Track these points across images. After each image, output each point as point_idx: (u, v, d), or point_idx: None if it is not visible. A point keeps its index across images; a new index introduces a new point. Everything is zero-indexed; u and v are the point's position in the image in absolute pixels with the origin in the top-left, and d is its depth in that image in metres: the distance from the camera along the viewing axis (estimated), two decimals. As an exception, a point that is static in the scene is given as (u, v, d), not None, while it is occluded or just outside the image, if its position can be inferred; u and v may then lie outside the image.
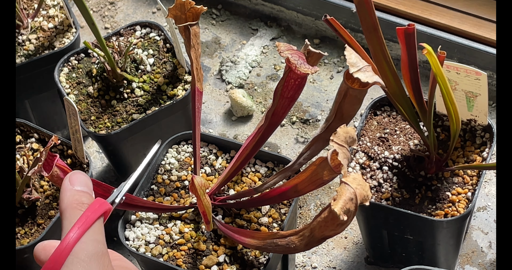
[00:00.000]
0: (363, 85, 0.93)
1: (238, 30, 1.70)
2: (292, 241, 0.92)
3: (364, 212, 1.20)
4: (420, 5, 1.57)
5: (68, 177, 0.78)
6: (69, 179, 0.78)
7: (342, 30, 1.05)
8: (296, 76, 0.97)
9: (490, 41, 1.50)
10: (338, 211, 0.80)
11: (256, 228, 1.10)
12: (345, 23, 1.60)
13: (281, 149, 1.51)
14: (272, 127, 1.06)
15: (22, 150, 1.26)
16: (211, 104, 1.59)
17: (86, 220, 0.73)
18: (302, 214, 1.42)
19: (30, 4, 1.46)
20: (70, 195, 0.76)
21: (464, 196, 1.13)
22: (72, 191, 0.77)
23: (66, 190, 0.77)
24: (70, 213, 0.74)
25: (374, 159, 1.18)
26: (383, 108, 1.25)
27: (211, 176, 1.16)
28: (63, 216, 0.75)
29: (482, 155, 1.16)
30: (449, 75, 1.11)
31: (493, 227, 1.36)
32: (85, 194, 0.77)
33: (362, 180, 0.83)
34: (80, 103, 1.33)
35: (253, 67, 1.63)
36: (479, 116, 1.17)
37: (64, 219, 0.74)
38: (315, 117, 1.54)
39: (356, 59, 0.91)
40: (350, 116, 0.99)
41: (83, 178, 0.79)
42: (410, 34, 0.99)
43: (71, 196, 0.76)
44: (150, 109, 1.31)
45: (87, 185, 0.78)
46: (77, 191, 0.77)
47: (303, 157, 1.05)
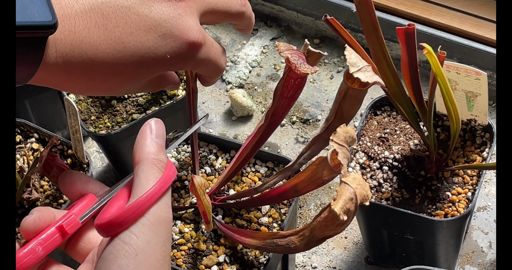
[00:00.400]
0: (363, 85, 0.93)
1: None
2: (292, 241, 0.92)
3: (364, 212, 1.20)
4: (420, 5, 1.57)
5: (149, 123, 0.72)
6: (150, 126, 0.72)
7: (342, 30, 1.05)
8: (296, 76, 0.97)
9: (490, 41, 1.50)
10: (338, 211, 0.80)
11: (256, 228, 1.10)
12: (345, 23, 1.60)
13: (281, 149, 1.51)
14: (272, 127, 1.06)
15: (22, 150, 1.26)
16: (211, 104, 1.59)
17: (164, 182, 0.68)
18: (302, 214, 1.42)
19: (30, 4, 1.46)
20: (150, 145, 0.70)
21: (464, 196, 1.13)
22: (153, 142, 0.71)
23: (146, 138, 0.71)
24: (147, 166, 0.69)
25: (374, 159, 1.18)
26: (383, 108, 1.25)
27: (211, 176, 1.16)
28: (139, 167, 0.69)
29: (482, 155, 1.16)
30: (449, 75, 1.11)
31: (493, 227, 1.36)
32: (163, 150, 0.72)
33: (362, 180, 0.83)
34: (80, 103, 1.33)
35: (253, 67, 1.63)
36: (479, 116, 1.17)
37: (140, 171, 0.69)
38: (315, 117, 1.54)
39: (356, 59, 0.91)
40: (350, 116, 0.99)
41: (163, 130, 0.73)
42: (410, 34, 0.99)
43: (151, 147, 0.70)
44: (150, 109, 1.31)
45: (164, 137, 0.73)
46: (157, 144, 0.71)
47: (303, 157, 1.05)
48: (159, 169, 0.69)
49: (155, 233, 0.67)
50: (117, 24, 0.71)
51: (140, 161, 0.70)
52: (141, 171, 0.69)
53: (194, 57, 0.76)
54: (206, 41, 0.76)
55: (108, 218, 0.66)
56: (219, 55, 0.79)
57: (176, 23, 0.73)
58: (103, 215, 0.68)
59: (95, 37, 0.69)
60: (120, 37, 0.71)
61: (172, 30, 0.73)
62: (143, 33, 0.72)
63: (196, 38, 0.74)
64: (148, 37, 0.72)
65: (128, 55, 0.72)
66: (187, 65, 0.76)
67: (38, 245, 0.70)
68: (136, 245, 0.65)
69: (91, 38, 0.69)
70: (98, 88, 0.74)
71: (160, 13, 0.72)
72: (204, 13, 0.77)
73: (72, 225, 0.71)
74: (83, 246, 0.75)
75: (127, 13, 0.71)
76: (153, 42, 0.72)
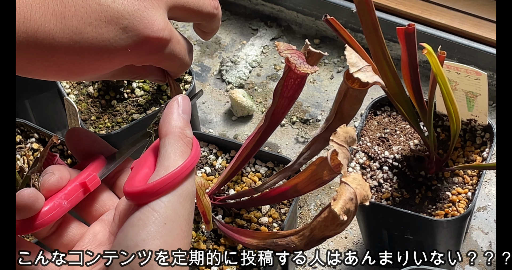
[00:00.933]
0: (363, 85, 0.93)
1: (238, 30, 1.70)
2: (292, 241, 0.92)
3: (364, 212, 1.20)
4: (420, 5, 1.57)
5: (177, 99, 0.72)
6: (178, 101, 0.72)
7: (342, 30, 1.05)
8: (295, 76, 0.97)
9: (490, 41, 1.50)
10: (338, 211, 0.80)
11: (256, 228, 1.10)
12: (345, 23, 1.60)
13: (281, 149, 1.51)
14: (272, 127, 1.05)
15: (22, 150, 1.26)
16: (211, 104, 1.59)
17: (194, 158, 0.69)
18: (302, 214, 1.42)
19: (30, 4, 1.46)
20: (177, 119, 0.71)
21: (464, 196, 1.13)
22: (180, 117, 0.71)
23: (173, 112, 0.71)
24: (174, 140, 0.69)
25: (374, 159, 1.18)
26: (383, 108, 1.25)
27: (211, 176, 1.16)
28: (166, 140, 0.69)
29: (482, 155, 1.16)
30: (449, 75, 1.11)
31: (493, 227, 1.36)
32: (189, 127, 0.72)
33: (362, 180, 0.83)
34: (80, 103, 1.33)
35: (253, 67, 1.63)
36: (479, 116, 1.17)
37: (167, 143, 0.69)
38: (315, 117, 1.54)
39: (356, 59, 0.91)
40: (350, 116, 0.99)
41: (188, 105, 0.73)
42: (410, 34, 0.99)
43: (178, 122, 0.70)
44: (150, 109, 1.31)
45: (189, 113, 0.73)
46: (183, 119, 0.71)
47: (303, 157, 1.05)
48: (185, 144, 0.70)
49: (182, 205, 0.68)
50: (76, 13, 0.67)
51: (167, 135, 0.70)
52: (169, 144, 0.69)
53: (157, 53, 0.73)
54: (173, 37, 0.73)
55: (141, 187, 0.67)
56: (185, 52, 0.77)
57: (140, 16, 0.70)
58: (131, 182, 0.68)
59: (51, 25, 0.66)
60: (78, 27, 0.67)
61: (135, 23, 0.70)
62: (103, 24, 0.68)
63: (160, 34, 0.71)
64: (109, 28, 0.69)
65: (85, 46, 0.68)
66: (150, 60, 0.74)
67: (63, 199, 0.71)
68: (166, 214, 0.67)
69: (46, 27, 0.66)
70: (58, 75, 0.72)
71: (124, 4, 0.69)
72: (173, 8, 0.74)
73: (94, 182, 0.73)
74: (98, 208, 0.76)
75: (88, 2, 0.68)
76: (113, 34, 0.69)
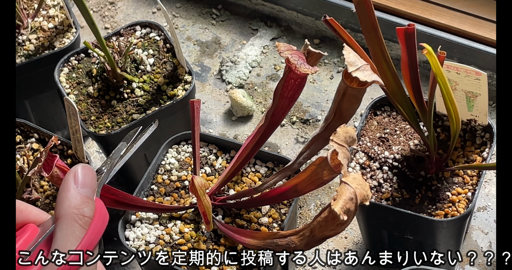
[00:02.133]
0: (362, 84, 0.93)
1: (238, 30, 1.70)
2: (292, 241, 0.92)
3: (364, 212, 1.20)
4: (420, 5, 1.57)
5: (73, 171, 0.66)
6: (74, 175, 0.66)
7: (342, 31, 1.05)
8: (296, 76, 0.97)
9: (490, 41, 1.50)
10: (338, 211, 0.80)
11: (256, 228, 1.10)
12: (345, 23, 1.60)
13: (281, 149, 1.51)
14: (272, 127, 1.06)
15: (22, 150, 1.26)
16: (211, 104, 1.59)
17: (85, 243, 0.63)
18: (302, 214, 1.42)
19: (30, 4, 1.46)
20: (72, 198, 0.64)
21: (464, 196, 1.13)
22: (75, 194, 0.65)
23: (68, 190, 0.65)
24: (67, 224, 0.63)
25: (374, 159, 1.18)
26: (383, 108, 1.25)
27: (211, 176, 1.16)
28: (58, 225, 0.64)
29: (482, 155, 1.16)
30: (449, 75, 1.11)
31: (493, 227, 1.36)
32: (89, 202, 0.65)
33: (362, 180, 0.83)
34: (80, 103, 1.33)
35: (253, 67, 1.63)
36: (479, 116, 1.17)
37: (59, 229, 0.63)
38: (315, 117, 1.54)
39: (355, 58, 0.91)
40: (349, 115, 0.99)
41: (90, 175, 0.66)
42: (410, 34, 0.99)
43: (73, 200, 0.64)
44: (150, 109, 1.31)
45: (92, 185, 0.66)
46: (81, 196, 0.65)
47: (303, 157, 1.05)
48: (81, 227, 0.63)
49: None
50: None
51: (60, 217, 0.63)
52: (59, 230, 0.63)
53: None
54: None
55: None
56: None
57: None
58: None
59: None
60: None
61: None
62: None
63: None
64: None
65: None
66: None
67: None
68: None
69: None
70: None
71: None
72: None
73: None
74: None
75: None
76: None
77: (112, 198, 1.03)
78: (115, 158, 0.81)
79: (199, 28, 1.71)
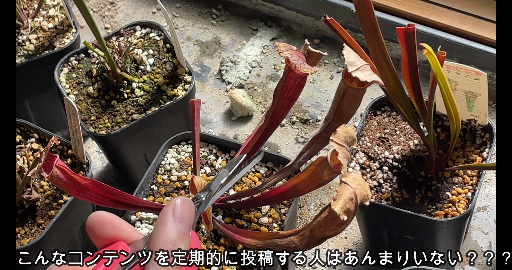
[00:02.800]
0: (362, 84, 0.93)
1: (238, 30, 1.70)
2: (292, 241, 0.92)
3: (364, 212, 1.20)
4: (420, 5, 1.57)
5: (173, 204, 0.64)
6: (173, 208, 0.64)
7: (342, 31, 1.05)
8: (295, 76, 0.97)
9: (490, 41, 1.50)
10: (338, 211, 0.80)
11: (256, 228, 1.10)
12: (345, 23, 1.60)
13: (281, 149, 1.51)
14: (272, 127, 1.06)
15: (22, 150, 1.26)
16: (211, 104, 1.59)
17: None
18: (302, 214, 1.42)
19: (30, 4, 1.46)
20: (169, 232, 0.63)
21: (464, 196, 1.13)
22: (172, 228, 0.63)
23: (166, 223, 0.63)
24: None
25: (374, 159, 1.18)
26: (383, 108, 1.25)
27: (211, 176, 1.16)
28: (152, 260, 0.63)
29: (482, 155, 1.16)
30: (449, 75, 1.11)
31: (493, 227, 1.36)
32: (185, 238, 0.64)
33: (362, 180, 0.83)
34: (80, 103, 1.33)
35: (253, 67, 1.63)
36: (479, 116, 1.17)
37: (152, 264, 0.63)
38: (315, 117, 1.54)
39: (355, 58, 0.91)
40: (349, 115, 0.99)
41: (188, 210, 0.65)
42: (410, 34, 0.99)
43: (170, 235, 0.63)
44: (150, 109, 1.31)
45: (190, 221, 0.65)
46: (178, 232, 0.63)
47: (303, 157, 1.05)
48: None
49: None
50: None
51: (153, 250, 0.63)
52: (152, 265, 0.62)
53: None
54: None
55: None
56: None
57: None
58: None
59: None
60: None
61: None
62: None
63: None
64: None
65: None
66: None
67: None
68: None
69: None
70: None
71: None
72: None
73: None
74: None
75: None
76: None
77: (112, 198, 1.03)
78: (215, 187, 0.80)
79: (199, 28, 1.71)
